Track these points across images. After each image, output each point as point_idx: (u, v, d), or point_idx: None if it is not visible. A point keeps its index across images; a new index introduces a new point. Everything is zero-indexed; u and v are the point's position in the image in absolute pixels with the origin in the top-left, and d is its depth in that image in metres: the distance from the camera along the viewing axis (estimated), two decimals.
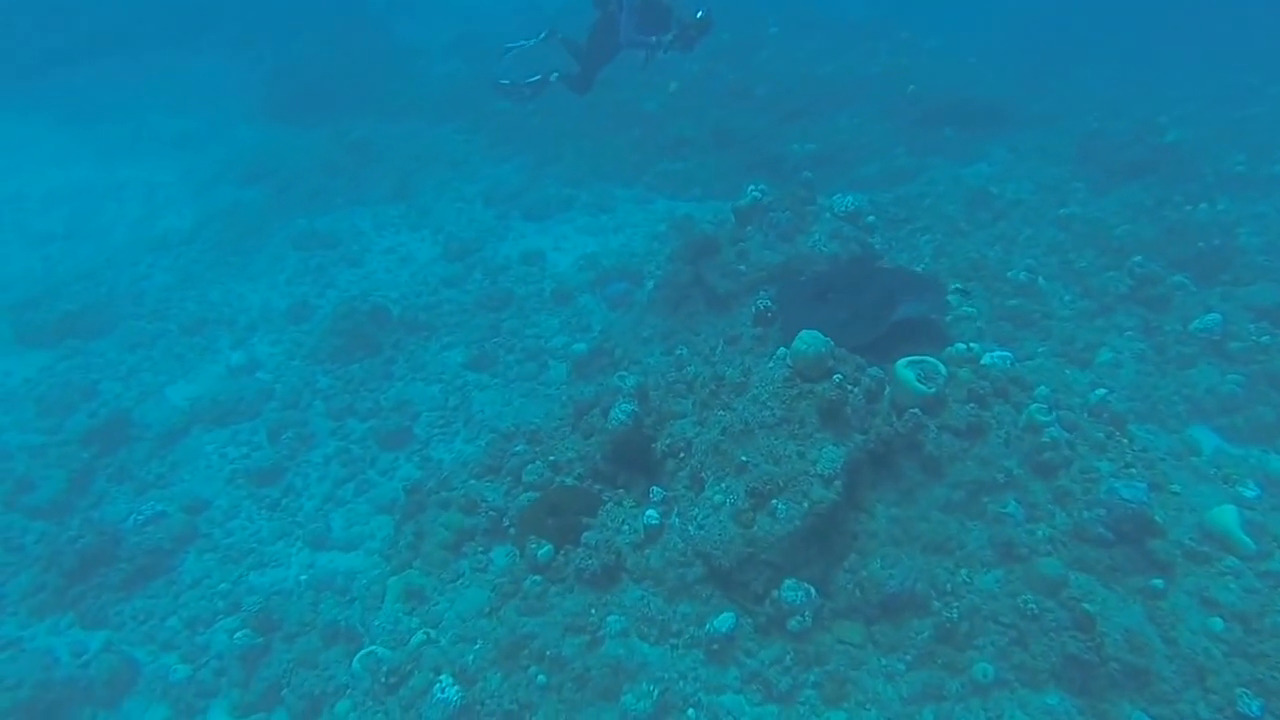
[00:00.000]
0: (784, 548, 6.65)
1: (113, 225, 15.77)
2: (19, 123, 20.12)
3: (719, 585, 6.90)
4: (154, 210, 16.35)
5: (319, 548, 9.16)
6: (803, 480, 6.79)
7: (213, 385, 11.38)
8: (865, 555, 6.95)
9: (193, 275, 13.97)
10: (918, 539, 7.03)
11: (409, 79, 20.83)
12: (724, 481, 7.13)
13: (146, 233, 15.44)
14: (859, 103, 18.39)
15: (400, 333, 11.96)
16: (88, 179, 17.54)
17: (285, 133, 18.71)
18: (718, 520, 6.90)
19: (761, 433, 7.26)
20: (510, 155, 17.34)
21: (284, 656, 7.93)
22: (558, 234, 14.65)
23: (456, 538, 8.25)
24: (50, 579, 8.89)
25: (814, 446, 6.97)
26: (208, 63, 22.79)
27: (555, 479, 8.39)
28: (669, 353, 10.82)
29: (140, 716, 7.88)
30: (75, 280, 13.89)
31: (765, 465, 6.95)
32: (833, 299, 8.93)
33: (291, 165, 16.70)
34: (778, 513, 6.75)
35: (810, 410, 7.17)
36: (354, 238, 14.67)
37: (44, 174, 17.90)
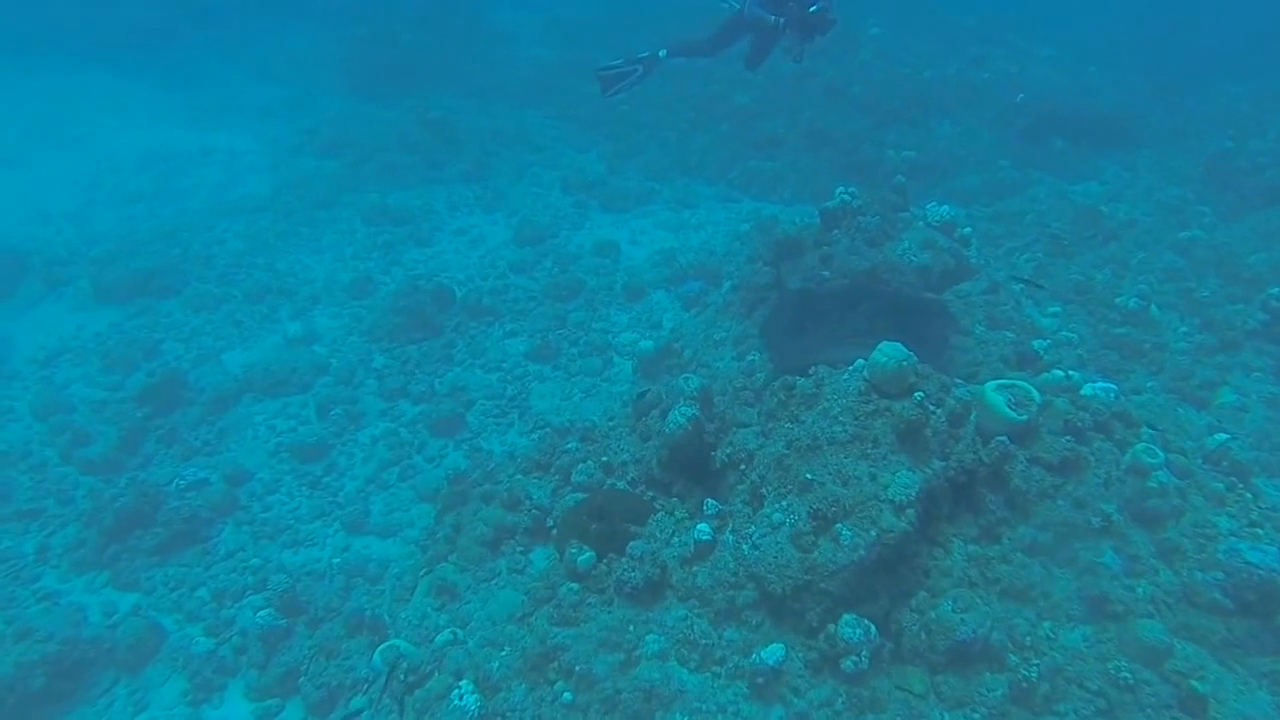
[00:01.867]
0: (845, 578, 6.03)
1: (195, 189, 15.85)
2: (123, 88, 20.57)
3: (770, 613, 6.31)
4: (234, 176, 16.39)
5: (355, 531, 8.82)
6: (872, 505, 6.16)
7: (268, 354, 11.18)
8: (936, 595, 6.30)
9: (263, 243, 13.88)
10: (996, 582, 6.32)
11: (496, 62, 20.59)
12: (785, 500, 6.55)
13: (225, 198, 15.47)
14: (962, 110, 17.39)
15: (463, 316, 11.58)
16: (178, 143, 17.73)
17: (367, 107, 18.63)
18: (775, 541, 6.31)
19: (830, 450, 6.66)
20: (593, 144, 16.90)
21: (305, 642, 7.59)
22: (635, 227, 14.13)
23: (496, 534, 7.79)
24: (91, 535, 8.79)
25: (887, 469, 6.35)
26: (299, 36, 22.97)
27: (606, 481, 7.87)
28: (740, 358, 10.22)
29: (159, 685, 7.66)
30: (154, 240, 13.95)
31: (832, 485, 6.35)
32: (811, 326, 8.46)
33: (369, 139, 16.55)
34: (842, 539, 6.12)
35: (886, 429, 6.56)
36: (425, 216, 14.40)
37: (140, 137, 18.21)
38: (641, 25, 22.62)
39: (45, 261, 13.37)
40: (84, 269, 13.11)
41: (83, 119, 18.98)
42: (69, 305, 12.67)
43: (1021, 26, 22.21)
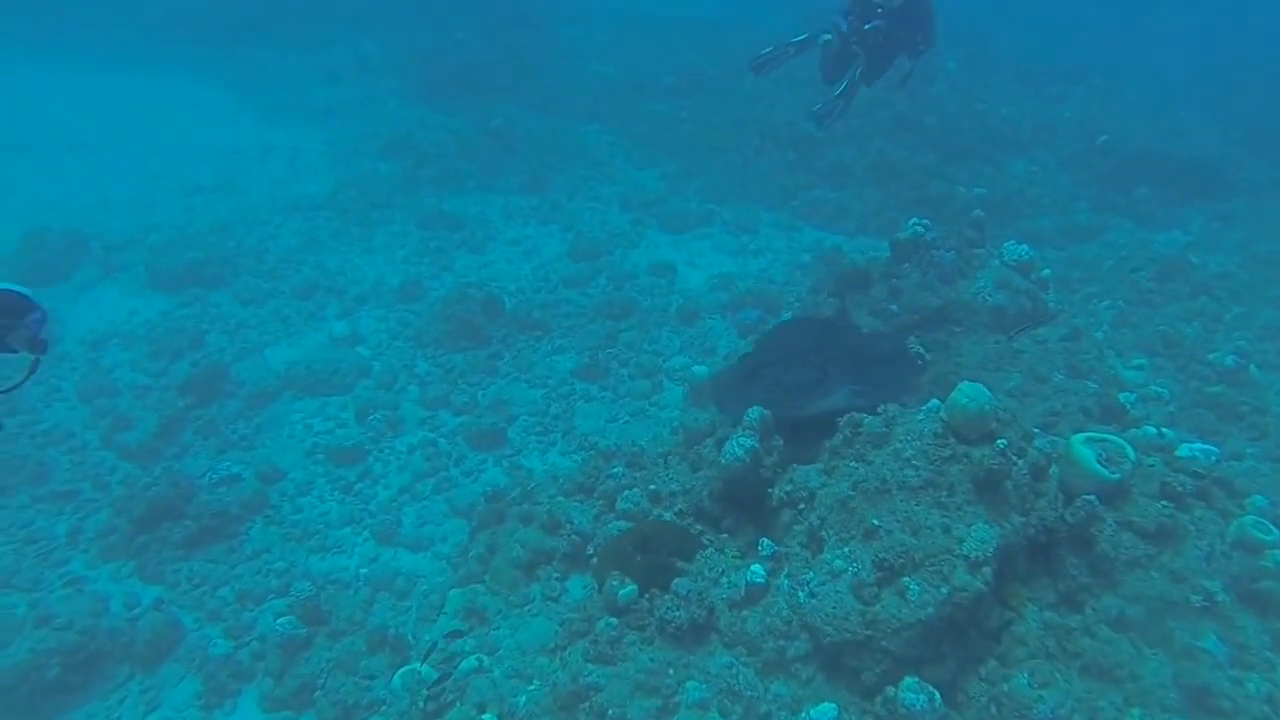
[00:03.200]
0: (910, 637, 5.51)
1: (254, 184, 15.84)
2: (192, 86, 20.84)
3: (824, 668, 5.83)
4: (294, 174, 16.35)
5: (385, 542, 8.47)
6: (944, 559, 5.67)
7: (311, 353, 10.95)
8: (1009, 665, 5.80)
9: (315, 240, 13.74)
10: (1078, 657, 5.77)
11: (558, 76, 20.43)
12: (848, 545, 6.08)
13: (282, 194, 15.41)
14: (1038, 149, 16.81)
15: (511, 328, 11.26)
16: (241, 140, 17.82)
17: (428, 113, 18.53)
18: (834, 590, 5.83)
19: (901, 495, 6.16)
20: (653, 162, 16.57)
21: (324, 654, 7.22)
22: (693, 249, 13.75)
23: (532, 558, 7.38)
24: (121, 523, 8.58)
25: (962, 521, 5.85)
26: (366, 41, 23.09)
27: (652, 511, 7.42)
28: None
29: (174, 685, 7.39)
30: (210, 232, 13.91)
31: (900, 534, 5.87)
32: (765, 373, 7.94)
33: (429, 144, 16.41)
34: (909, 593, 5.62)
35: (963, 477, 6.06)
36: (480, 224, 14.16)
37: (204, 132, 18.38)
38: (703, 44, 22.46)
39: (104, 246, 13.35)
40: (140, 255, 13.07)
41: (150, 113, 19.22)
42: (123, 290, 12.61)
43: (1105, 67, 21.51)
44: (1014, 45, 22.59)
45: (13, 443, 9.64)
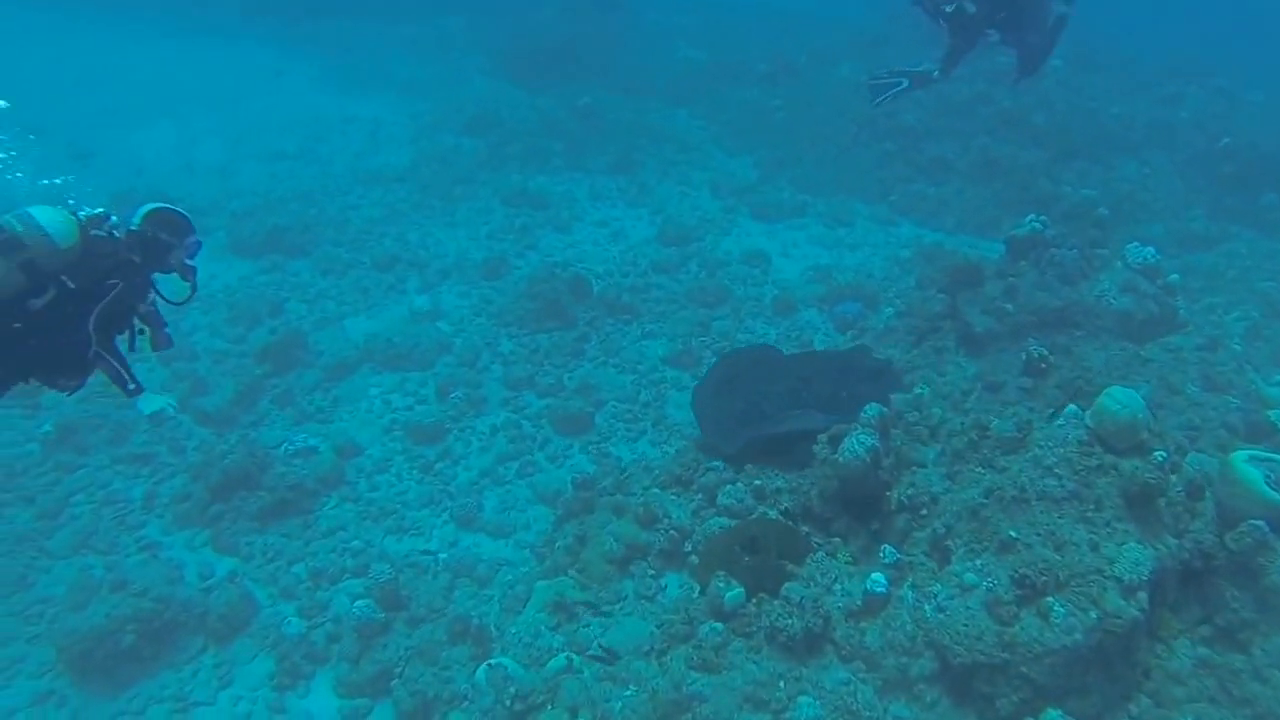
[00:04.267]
0: (1054, 664, 5.00)
1: (336, 154, 15.66)
2: (275, 55, 20.89)
3: (951, 691, 5.33)
4: (375, 146, 16.14)
5: (465, 526, 8.05)
6: (1094, 581, 5.15)
7: (392, 326, 10.61)
8: (1165, 706, 5.27)
9: (396, 213, 13.46)
10: (1244, 704, 5.18)
11: (647, 59, 19.93)
12: (980, 559, 5.58)
13: (364, 165, 15.19)
14: (1151, 150, 15.77)
15: (599, 310, 10.77)
16: (324, 109, 17.69)
17: (512, 91, 18.21)
18: (965, 606, 5.35)
19: (1041, 506, 5.62)
20: (745, 149, 15.97)
21: (403, 641, 6.81)
22: (787, 239, 13.14)
23: (626, 552, 6.89)
24: (197, 490, 8.34)
25: (1112, 539, 5.32)
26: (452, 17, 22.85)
27: (756, 508, 6.88)
28: (906, 389, 9.14)
29: (247, 661, 7.07)
30: (291, 199, 13.72)
31: (1042, 549, 5.35)
32: (740, 383, 7.82)
33: (514, 122, 16.06)
34: (1053, 616, 5.09)
35: (1112, 491, 5.53)
36: (566, 203, 13.73)
37: (288, 101, 18.35)
38: (796, 33, 21.74)
39: (186, 210, 13.21)
40: (222, 220, 12.89)
41: (235, 81, 19.27)
42: (205, 254, 12.38)
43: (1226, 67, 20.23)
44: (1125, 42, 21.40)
45: (94, 401, 9.45)
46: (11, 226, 3.85)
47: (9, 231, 3.83)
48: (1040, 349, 8.33)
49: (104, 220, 4.26)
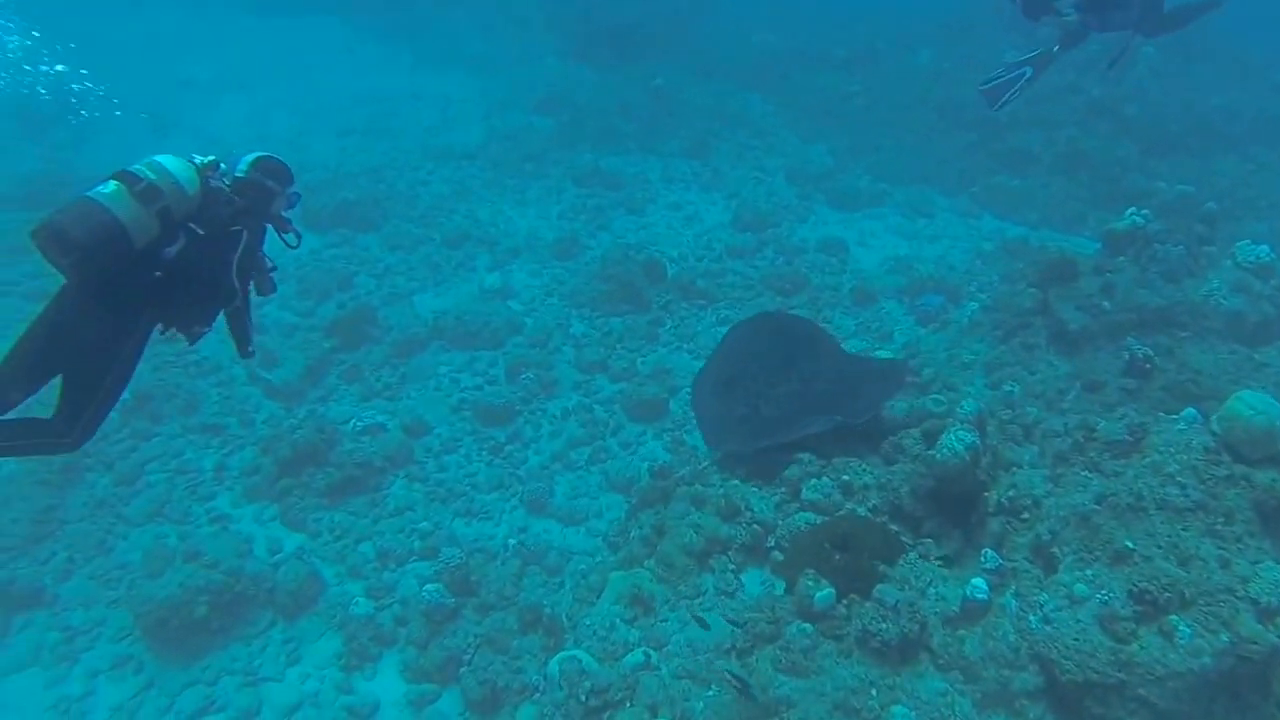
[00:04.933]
0: (1177, 688, 4.61)
1: (405, 129, 15.57)
2: (347, 30, 20.93)
3: (1057, 708, 4.97)
4: (445, 122, 16.02)
5: (536, 512, 7.83)
6: (1225, 601, 4.75)
7: (461, 303, 10.43)
8: None
9: (467, 190, 13.30)
10: None
11: (721, 42, 19.47)
12: (1091, 569, 5.19)
13: (433, 141, 15.06)
14: (1256, 145, 14.94)
15: (673, 294, 10.47)
16: (394, 85, 17.62)
17: (585, 72, 17.94)
18: (1076, 619, 4.97)
19: (1161, 516, 5.21)
20: (821, 136, 15.51)
21: (472, 628, 6.61)
22: (864, 228, 12.70)
23: (706, 545, 6.57)
24: (265, 464, 8.26)
25: (1244, 556, 4.93)
26: None
27: (844, 504, 6.54)
28: (994, 386, 8.71)
29: (314, 639, 6.97)
30: (361, 174, 13.63)
31: (1163, 563, 4.95)
32: (741, 382, 7.41)
33: (587, 101, 15.79)
34: (1178, 636, 4.69)
35: (1243, 504, 5.13)
36: (639, 185, 13.44)
37: (360, 77, 18.34)
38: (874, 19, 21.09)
39: None
40: None
41: (309, 58, 19.29)
42: None
43: None
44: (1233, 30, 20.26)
45: (167, 370, 9.43)
46: (146, 174, 3.78)
47: (146, 179, 3.76)
48: (1144, 349, 7.86)
49: (216, 167, 4.20)
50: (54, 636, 6.99)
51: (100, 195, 3.64)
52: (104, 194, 3.65)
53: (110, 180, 3.71)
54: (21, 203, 12.63)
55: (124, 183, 3.70)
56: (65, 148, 15.07)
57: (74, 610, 7.16)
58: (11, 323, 7.30)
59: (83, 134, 15.50)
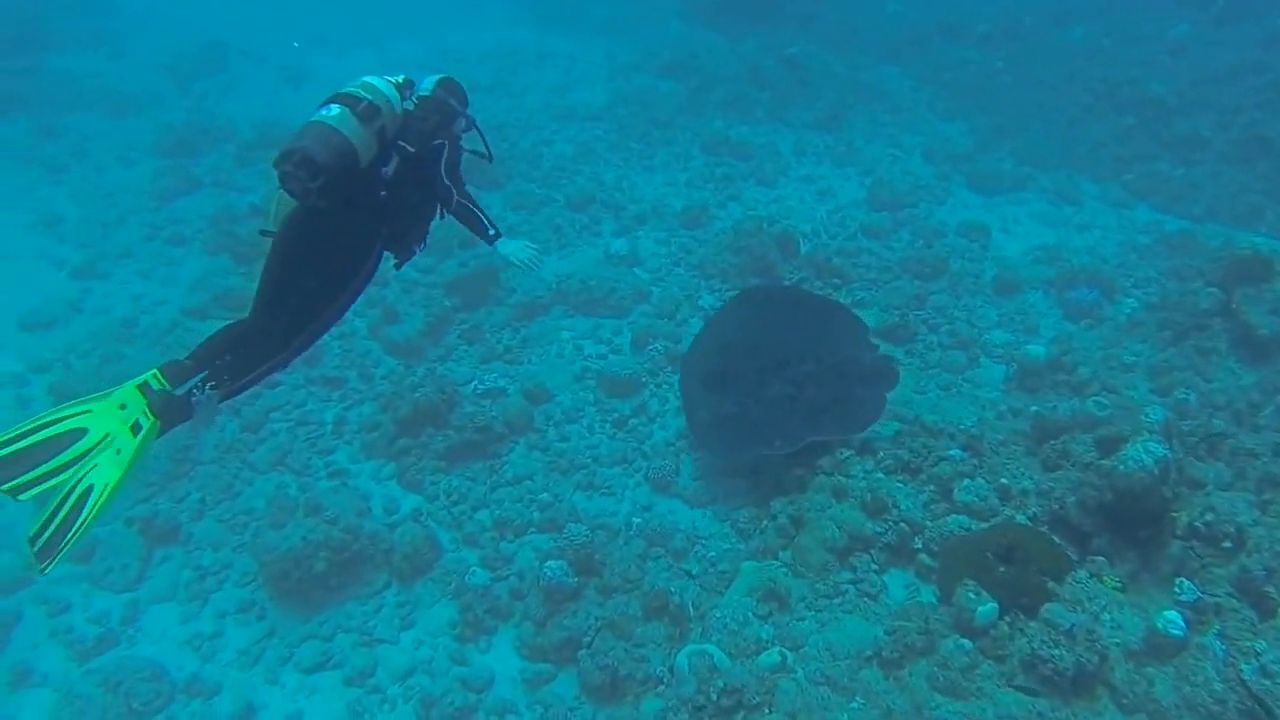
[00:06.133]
0: None
1: (530, 88, 15.34)
2: None
3: None
4: (570, 83, 15.73)
5: (661, 490, 7.47)
6: None
7: (586, 268, 10.11)
8: None
9: (592, 152, 12.98)
10: None
11: (854, 11, 18.56)
12: None
13: (558, 101, 14.79)
14: None
15: (806, 271, 9.93)
16: (520, 43, 17.39)
17: (711, 36, 17.31)
18: None
19: None
20: (961, 114, 14.62)
21: (594, 610, 6.31)
22: (1006, 214, 11.88)
23: (848, 541, 6.14)
24: (385, 421, 8.13)
25: None
26: None
27: (1001, 509, 6.02)
28: (1163, 393, 7.97)
29: (429, 605, 6.80)
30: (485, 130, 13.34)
31: None
32: (734, 378, 7.26)
33: (715, 67, 15.20)
34: None
35: None
36: (770, 156, 12.88)
37: (486, 34, 18.19)
38: None
39: None
40: None
41: (436, 14, 19.22)
42: None
43: None
44: None
45: None
46: (364, 95, 3.83)
47: (365, 99, 3.81)
48: None
49: (410, 86, 4.27)
50: (187, 574, 7.08)
51: (329, 118, 3.67)
52: (331, 117, 3.68)
53: (331, 104, 3.73)
54: (168, 150, 12.95)
55: (346, 105, 3.73)
56: (209, 97, 15.39)
57: (204, 551, 7.22)
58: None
59: (225, 86, 15.83)
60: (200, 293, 9.98)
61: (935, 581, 5.77)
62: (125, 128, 14.00)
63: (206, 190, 12.25)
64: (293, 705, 6.22)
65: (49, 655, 6.56)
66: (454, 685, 6.14)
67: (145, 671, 6.28)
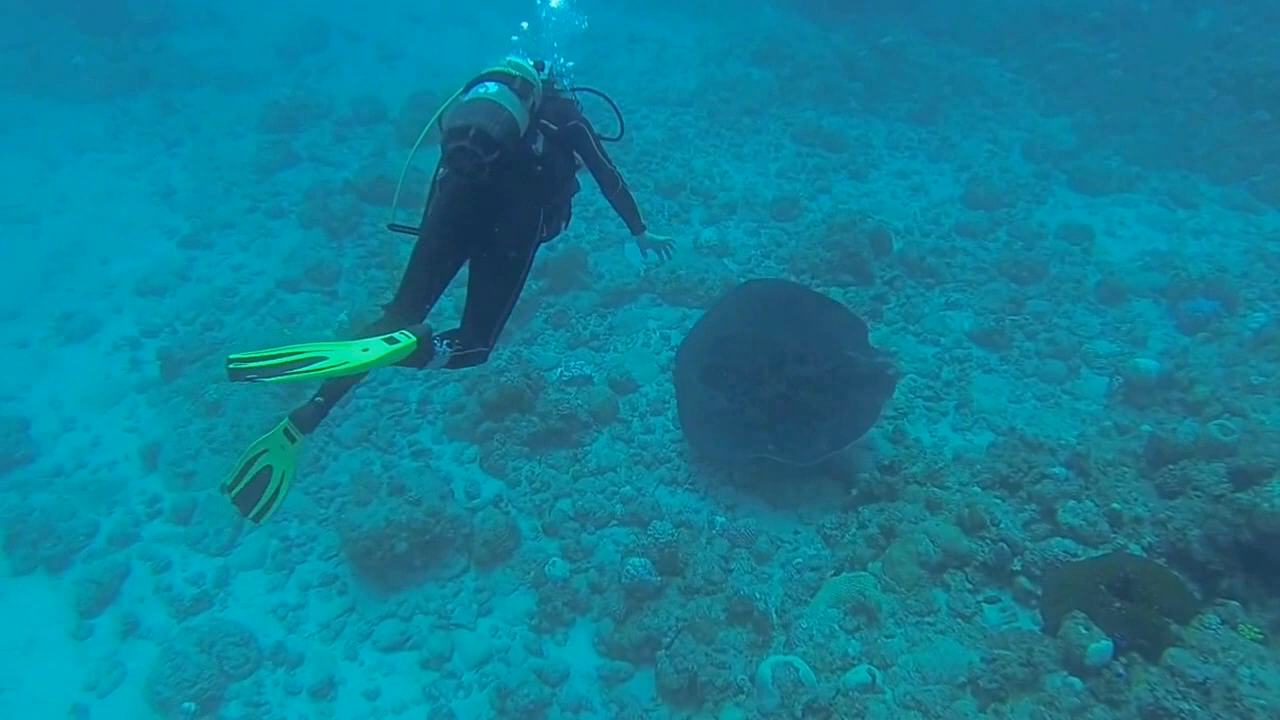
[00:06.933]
0: None
1: (620, 71, 15.17)
2: None
3: None
4: (660, 67, 15.53)
5: (745, 490, 7.30)
6: None
7: (676, 258, 9.87)
8: None
9: (681, 138, 12.78)
10: None
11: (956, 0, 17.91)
12: None
13: (649, 85, 14.60)
14: None
15: (899, 270, 9.63)
16: (611, 26, 17.21)
17: (804, 24, 16.87)
18: None
19: None
20: (1065, 108, 13.98)
21: (675, 611, 6.21)
22: (1112, 216, 11.31)
23: (942, 557, 5.90)
24: (469, 403, 8.13)
25: None
26: None
27: (1111, 536, 5.70)
28: None
29: (507, 593, 6.78)
30: None
31: None
32: (727, 374, 7.23)
33: (808, 55, 14.79)
34: None
35: None
36: (862, 148, 12.51)
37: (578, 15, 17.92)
38: None
39: None
40: None
41: None
42: None
43: None
44: None
45: (381, 296, 9.50)
46: (515, 72, 3.86)
47: (519, 76, 3.84)
48: None
49: (541, 68, 4.23)
50: (275, 544, 7.22)
51: (492, 95, 3.68)
52: (493, 93, 3.69)
53: (488, 81, 3.75)
54: (272, 125, 13.24)
55: (503, 82, 3.75)
56: (311, 75, 15.69)
57: (291, 522, 7.35)
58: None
59: (326, 64, 16.10)
60: (293, 265, 10.16)
61: (1036, 608, 5.50)
62: (235, 103, 14.40)
63: (304, 164, 12.47)
64: (370, 683, 6.29)
65: (153, 610, 6.83)
66: (529, 677, 6.11)
67: (236, 636, 6.46)
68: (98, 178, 12.53)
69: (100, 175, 12.59)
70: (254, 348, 3.34)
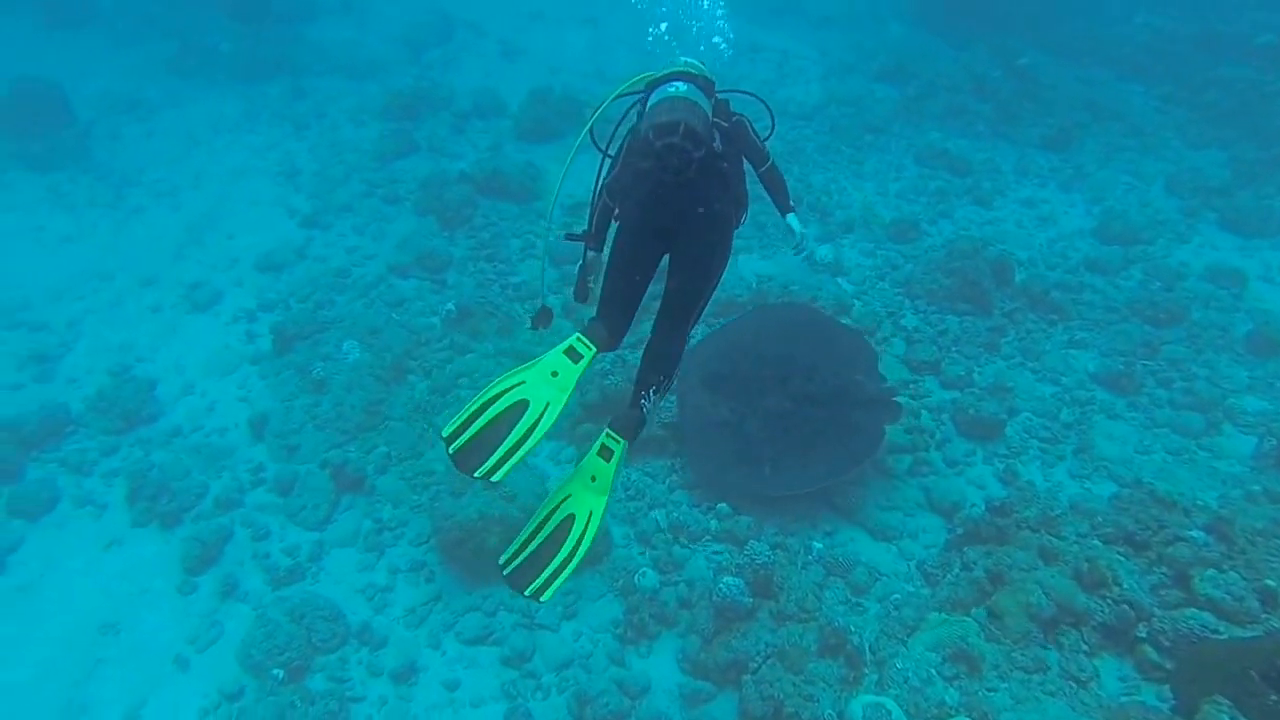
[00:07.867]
0: None
1: (741, 80, 14.80)
2: None
3: None
4: (781, 78, 15.31)
5: (843, 516, 7.04)
6: None
7: (788, 271, 9.75)
8: None
9: (800, 151, 12.54)
10: None
11: (1098, 21, 17.04)
12: None
13: (768, 96, 14.05)
14: None
15: (1020, 302, 9.19)
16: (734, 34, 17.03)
17: (932, 41, 16.41)
18: None
19: None
20: (1219, 141, 13.08)
21: (765, 635, 5.99)
22: (1270, 260, 10.50)
23: (1055, 612, 5.53)
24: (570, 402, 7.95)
25: None
26: None
27: (1261, 616, 5.22)
28: None
29: (593, 598, 6.70)
30: None
31: None
32: (731, 385, 7.23)
33: (934, 74, 14.33)
34: None
35: None
36: (988, 173, 12.01)
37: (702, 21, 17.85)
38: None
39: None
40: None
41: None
42: None
43: None
44: None
45: (488, 288, 9.61)
46: (695, 72, 3.98)
47: (701, 74, 3.97)
48: None
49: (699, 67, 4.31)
50: (368, 525, 7.33)
51: (686, 93, 3.75)
52: (684, 91, 3.77)
53: (676, 81, 3.84)
54: (394, 114, 13.59)
55: (688, 81, 3.83)
56: (434, 67, 16.06)
57: (385, 505, 7.44)
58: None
59: (449, 57, 16.47)
60: (405, 251, 10.34)
61: (1165, 683, 5.08)
62: (361, 90, 14.85)
63: (422, 153, 12.72)
64: (451, 673, 6.28)
65: (250, 575, 7.02)
66: (610, 686, 6.00)
67: (326, 610, 6.56)
68: (231, 157, 13.10)
69: (234, 155, 13.15)
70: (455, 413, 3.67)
